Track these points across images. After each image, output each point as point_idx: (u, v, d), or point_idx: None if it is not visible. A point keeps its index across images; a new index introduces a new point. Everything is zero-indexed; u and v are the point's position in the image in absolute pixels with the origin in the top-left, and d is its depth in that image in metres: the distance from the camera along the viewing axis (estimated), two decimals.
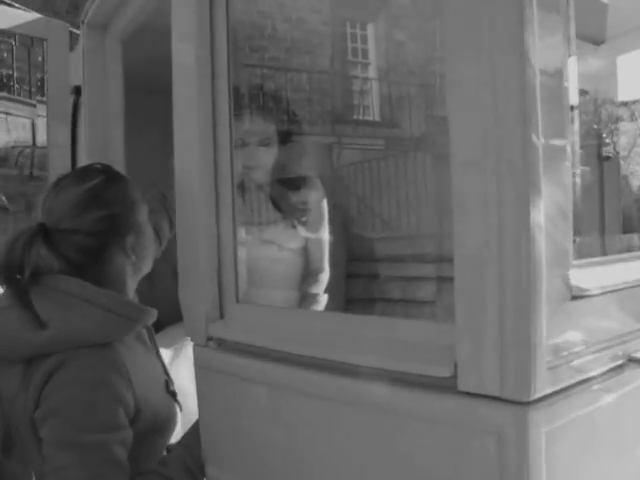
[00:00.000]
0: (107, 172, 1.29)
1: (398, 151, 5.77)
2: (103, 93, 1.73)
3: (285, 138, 1.96)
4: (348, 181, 5.81)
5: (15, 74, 7.33)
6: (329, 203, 2.42)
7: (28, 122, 7.02)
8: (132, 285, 1.31)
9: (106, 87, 1.74)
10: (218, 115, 1.12)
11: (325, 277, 2.01)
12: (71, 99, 1.83)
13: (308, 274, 2.00)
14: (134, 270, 1.29)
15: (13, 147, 6.86)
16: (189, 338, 1.18)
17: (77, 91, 1.82)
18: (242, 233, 1.90)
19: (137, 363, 1.20)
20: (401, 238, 4.88)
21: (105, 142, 1.74)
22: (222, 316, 1.14)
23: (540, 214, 0.71)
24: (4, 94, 7.20)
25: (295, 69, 6.52)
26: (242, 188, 1.87)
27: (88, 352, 1.10)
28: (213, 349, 1.11)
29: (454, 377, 0.77)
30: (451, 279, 0.79)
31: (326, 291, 2.03)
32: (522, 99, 0.69)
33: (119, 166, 1.60)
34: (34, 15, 1.71)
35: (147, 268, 1.33)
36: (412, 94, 6.85)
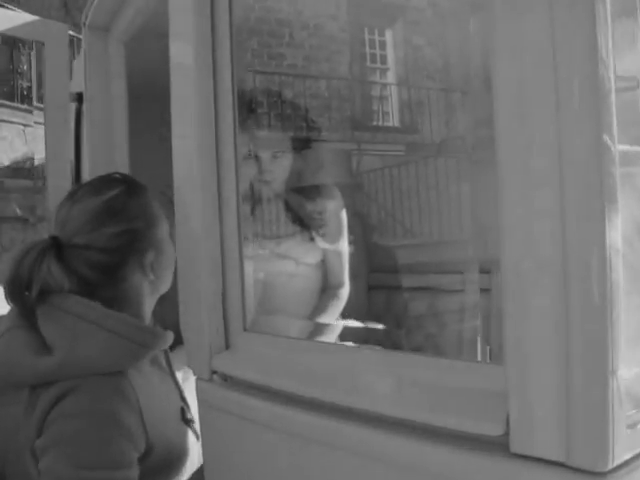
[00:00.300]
0: (127, 183, 1.15)
1: (419, 157, 5.60)
2: (106, 97, 1.60)
3: (301, 146, 1.81)
4: (368, 188, 5.66)
5: (35, 85, 7.26)
6: (348, 211, 2.27)
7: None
8: (149, 305, 1.18)
9: (109, 91, 1.61)
10: (221, 122, 0.98)
11: (345, 292, 1.85)
12: (74, 107, 1.70)
13: (327, 289, 1.84)
14: (152, 289, 1.16)
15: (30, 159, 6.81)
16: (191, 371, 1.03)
17: (79, 98, 1.70)
18: (256, 248, 1.76)
19: (151, 391, 1.07)
20: (424, 245, 4.72)
21: (109, 149, 1.61)
22: (228, 346, 0.99)
23: (617, 232, 0.55)
24: (24, 106, 7.14)
25: (313, 76, 6.42)
26: (255, 200, 1.73)
27: (97, 381, 0.98)
28: (217, 385, 0.96)
29: (506, 435, 0.61)
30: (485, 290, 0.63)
31: (346, 306, 1.88)
32: (596, 102, 0.54)
33: (124, 171, 1.46)
34: (31, 17, 1.58)
35: (166, 287, 1.20)
36: (432, 99, 6.70)
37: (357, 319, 2.32)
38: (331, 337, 1.70)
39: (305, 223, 1.80)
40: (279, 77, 6.25)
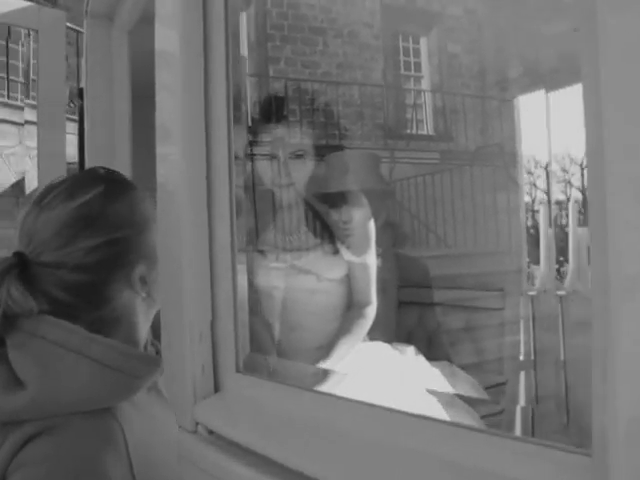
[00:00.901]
0: (108, 181, 0.93)
1: (454, 165, 5.36)
2: (109, 91, 1.40)
3: (324, 149, 1.60)
4: (401, 196, 5.42)
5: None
6: (379, 221, 2.04)
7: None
8: (144, 325, 0.95)
9: (112, 85, 1.41)
10: (213, 118, 0.77)
11: (372, 311, 1.62)
12: (78, 103, 1.52)
13: (352, 308, 1.62)
14: (147, 307, 0.93)
15: None
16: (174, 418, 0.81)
17: (81, 94, 1.51)
18: (273, 260, 1.55)
19: (151, 427, 0.86)
20: (458, 256, 4.46)
21: (110, 147, 1.41)
22: (217, 389, 0.77)
23: None
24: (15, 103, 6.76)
25: (347, 82, 6.24)
26: (272, 208, 1.52)
27: (78, 421, 0.77)
28: (200, 439, 0.74)
29: None
30: None
31: (374, 324, 1.65)
32: None
33: (125, 171, 1.25)
34: (24, 3, 1.40)
35: None
36: (467, 106, 6.44)
37: (385, 337, 2.09)
38: (353, 363, 1.48)
39: (328, 233, 1.58)
40: (312, 85, 6.09)
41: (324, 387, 1.39)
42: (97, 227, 0.86)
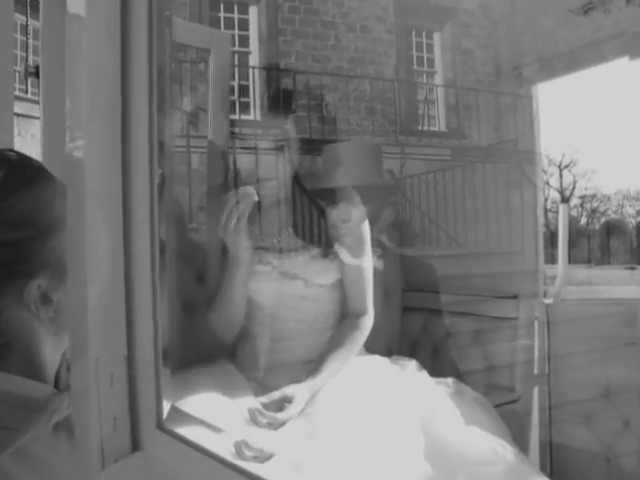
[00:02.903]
0: (13, 166, 0.71)
1: (465, 161, 5.12)
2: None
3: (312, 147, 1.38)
4: (411, 193, 5.19)
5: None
6: (380, 219, 1.82)
7: None
8: (54, 350, 0.72)
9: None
10: (130, 97, 0.55)
11: (368, 322, 1.39)
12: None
13: (346, 318, 1.40)
14: (56, 328, 0.71)
15: None
16: None
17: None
18: (255, 263, 1.33)
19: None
20: (469, 255, 4.22)
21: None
22: (135, 448, 0.56)
23: None
24: None
25: (358, 76, 6.03)
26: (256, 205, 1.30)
27: None
28: None
29: None
30: None
31: (375, 332, 1.43)
32: None
33: None
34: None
35: None
36: (481, 103, 6.19)
37: (387, 347, 1.87)
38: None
39: (319, 234, 1.37)
40: (321, 78, 5.88)
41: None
42: None
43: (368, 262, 1.38)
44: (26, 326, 0.66)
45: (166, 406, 0.55)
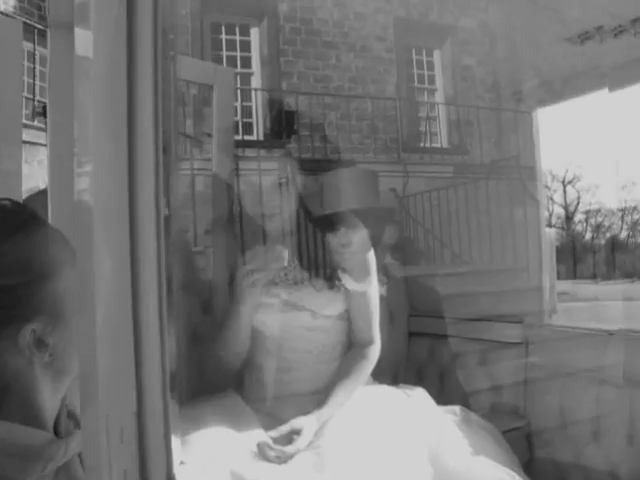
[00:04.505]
0: (4, 213, 0.72)
1: (468, 179, 5.12)
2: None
3: (314, 167, 1.39)
4: (415, 211, 5.19)
5: None
6: (380, 243, 1.81)
7: None
8: (53, 394, 0.72)
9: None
10: (137, 111, 0.55)
11: (375, 352, 1.39)
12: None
13: (352, 348, 1.40)
14: (55, 372, 0.71)
15: None
16: None
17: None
18: (263, 295, 1.33)
19: None
20: (473, 273, 4.20)
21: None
22: None
23: None
24: None
25: (360, 95, 6.06)
26: (262, 238, 1.31)
27: None
28: None
29: None
30: None
31: (381, 358, 1.43)
32: None
33: None
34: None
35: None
36: (482, 119, 6.21)
37: (393, 373, 1.87)
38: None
39: (324, 265, 1.37)
40: (323, 99, 5.91)
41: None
42: None
43: (374, 290, 1.39)
44: (22, 371, 0.66)
45: (175, 442, 0.55)
